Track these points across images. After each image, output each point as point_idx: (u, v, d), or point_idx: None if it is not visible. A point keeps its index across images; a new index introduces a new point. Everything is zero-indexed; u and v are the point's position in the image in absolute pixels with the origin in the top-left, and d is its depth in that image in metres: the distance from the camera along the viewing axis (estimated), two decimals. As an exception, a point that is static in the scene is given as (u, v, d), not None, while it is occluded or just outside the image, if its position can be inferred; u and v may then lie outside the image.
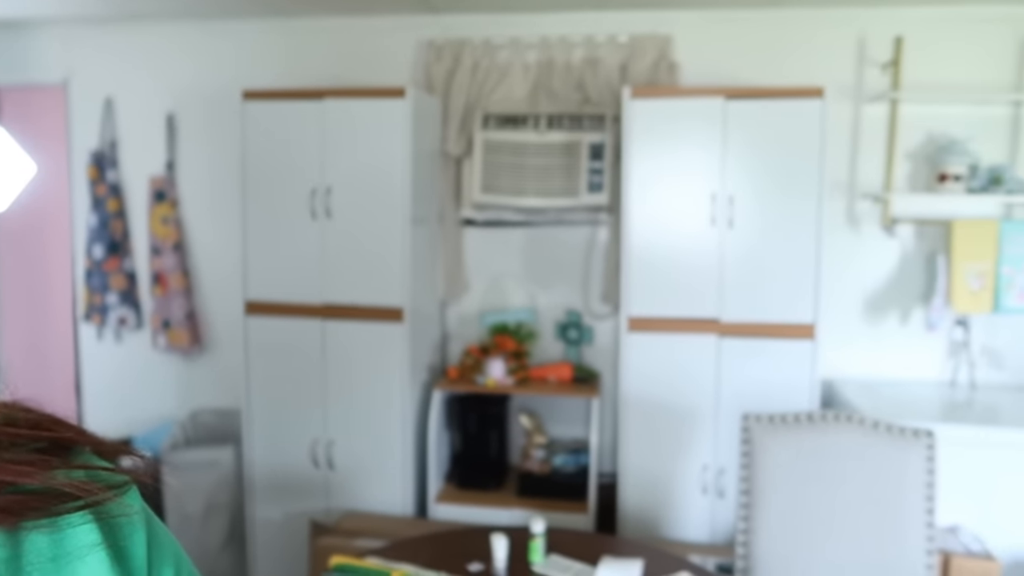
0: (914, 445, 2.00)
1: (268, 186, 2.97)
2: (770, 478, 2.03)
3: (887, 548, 1.98)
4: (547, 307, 3.33)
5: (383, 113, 2.86)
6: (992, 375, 3.06)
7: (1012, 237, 2.87)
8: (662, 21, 3.12)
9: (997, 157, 2.96)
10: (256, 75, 3.39)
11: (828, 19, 3.05)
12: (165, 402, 3.62)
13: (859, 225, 3.11)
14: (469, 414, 3.12)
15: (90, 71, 3.54)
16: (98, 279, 3.52)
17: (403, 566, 1.78)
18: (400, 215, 2.87)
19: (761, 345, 2.75)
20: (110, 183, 3.50)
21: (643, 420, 2.83)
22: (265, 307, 3.01)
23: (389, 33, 3.32)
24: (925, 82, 2.98)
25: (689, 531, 2.85)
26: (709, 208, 2.75)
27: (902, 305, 3.11)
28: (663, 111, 2.75)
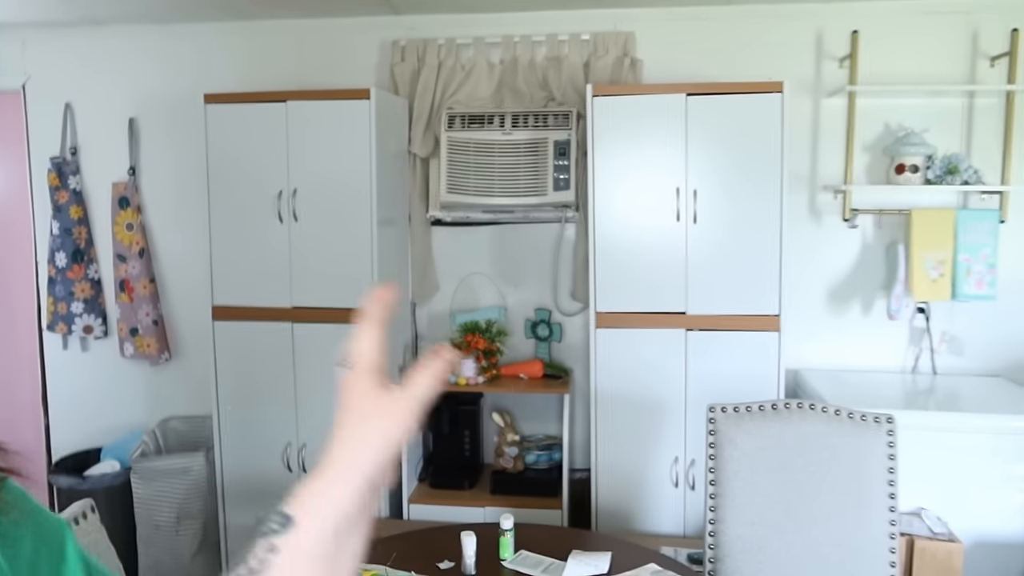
0: (875, 431, 2.04)
1: (233, 190, 2.95)
2: (736, 468, 2.06)
3: (852, 533, 2.02)
4: (517, 305, 3.34)
5: (347, 115, 2.85)
6: (952, 362, 3.13)
7: (968, 225, 2.93)
8: (624, 18, 3.15)
9: (952, 147, 3.03)
10: (219, 78, 3.36)
11: (786, 14, 3.10)
12: (134, 410, 3.58)
13: (821, 217, 3.16)
14: (441, 413, 3.13)
15: (49, 76, 3.48)
16: (62, 287, 3.47)
17: (373, 567, 1.78)
18: (367, 216, 2.87)
19: (727, 337, 2.78)
20: (72, 189, 3.46)
21: (614, 415, 2.85)
22: (233, 312, 2.99)
23: (353, 34, 3.31)
24: (881, 75, 3.04)
25: (662, 523, 2.88)
26: (674, 203, 2.78)
27: (864, 295, 3.16)
28: (626, 108, 2.78)
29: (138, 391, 3.58)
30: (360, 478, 0.55)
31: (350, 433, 0.57)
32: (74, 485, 3.12)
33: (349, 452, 0.56)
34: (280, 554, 0.53)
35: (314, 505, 0.54)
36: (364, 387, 0.59)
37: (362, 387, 0.58)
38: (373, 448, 0.56)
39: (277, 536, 0.53)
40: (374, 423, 0.57)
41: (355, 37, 3.31)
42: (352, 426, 0.57)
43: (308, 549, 0.53)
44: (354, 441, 0.56)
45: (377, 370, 0.60)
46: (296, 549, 0.53)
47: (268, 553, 0.53)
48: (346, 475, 0.55)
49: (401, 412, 0.58)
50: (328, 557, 0.54)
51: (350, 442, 0.56)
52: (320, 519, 0.54)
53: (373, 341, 0.61)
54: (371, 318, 0.62)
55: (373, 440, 0.56)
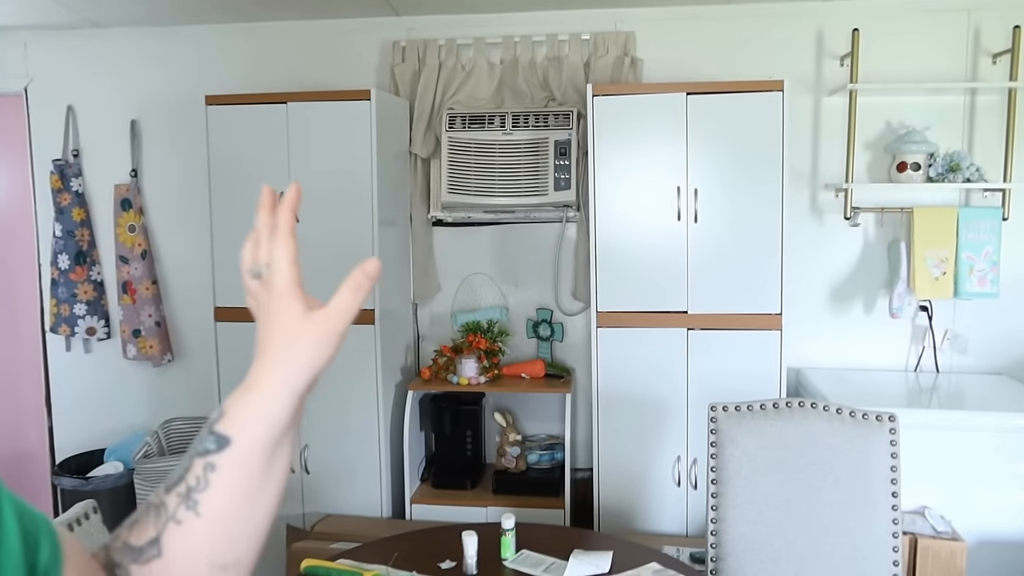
0: (877, 429, 2.04)
1: (235, 191, 2.96)
2: (738, 467, 2.06)
3: (854, 532, 2.02)
4: (519, 305, 3.34)
5: (348, 116, 2.86)
6: (955, 360, 3.12)
7: (971, 223, 2.93)
8: (624, 18, 3.15)
9: (954, 145, 3.02)
10: (220, 80, 3.37)
11: (787, 13, 3.09)
12: (137, 412, 3.59)
13: (822, 215, 3.16)
14: (443, 414, 3.13)
15: (51, 79, 3.49)
16: (65, 289, 3.48)
17: (375, 567, 1.78)
18: (368, 217, 2.87)
19: (729, 336, 2.78)
20: (74, 192, 3.46)
21: (616, 414, 2.85)
22: (235, 313, 3.00)
23: (353, 35, 3.31)
24: (882, 73, 3.04)
25: (665, 523, 2.87)
26: (674, 202, 2.77)
27: (866, 293, 3.16)
28: (626, 107, 2.77)
29: (141, 392, 3.59)
30: (290, 395, 0.57)
31: (278, 352, 0.58)
32: (78, 486, 3.12)
33: (279, 370, 0.57)
34: (218, 471, 0.56)
35: (249, 423, 0.57)
36: (287, 307, 0.58)
37: (285, 304, 0.58)
38: (301, 366, 0.57)
39: (214, 455, 0.57)
40: (303, 342, 0.58)
41: (355, 38, 3.32)
42: (279, 345, 0.58)
43: (244, 462, 0.57)
44: (282, 360, 0.57)
45: (297, 284, 0.59)
46: (233, 464, 0.57)
47: (206, 472, 0.57)
48: (277, 391, 0.57)
49: (328, 329, 0.58)
50: (262, 467, 0.58)
51: (279, 361, 0.58)
52: (255, 435, 0.57)
53: (289, 252, 0.59)
54: (283, 226, 0.60)
55: (301, 359, 0.57)
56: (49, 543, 0.52)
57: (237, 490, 0.57)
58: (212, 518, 0.57)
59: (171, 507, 0.57)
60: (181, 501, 0.57)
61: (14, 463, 3.76)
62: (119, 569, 0.57)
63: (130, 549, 0.57)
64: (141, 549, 0.57)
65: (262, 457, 0.58)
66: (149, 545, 0.57)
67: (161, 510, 0.57)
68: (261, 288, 0.61)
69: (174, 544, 0.57)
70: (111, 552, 0.58)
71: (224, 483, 0.57)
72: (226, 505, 0.57)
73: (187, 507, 0.57)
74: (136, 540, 0.57)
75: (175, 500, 0.57)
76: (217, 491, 0.57)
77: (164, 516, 0.57)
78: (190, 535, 0.57)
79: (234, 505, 0.58)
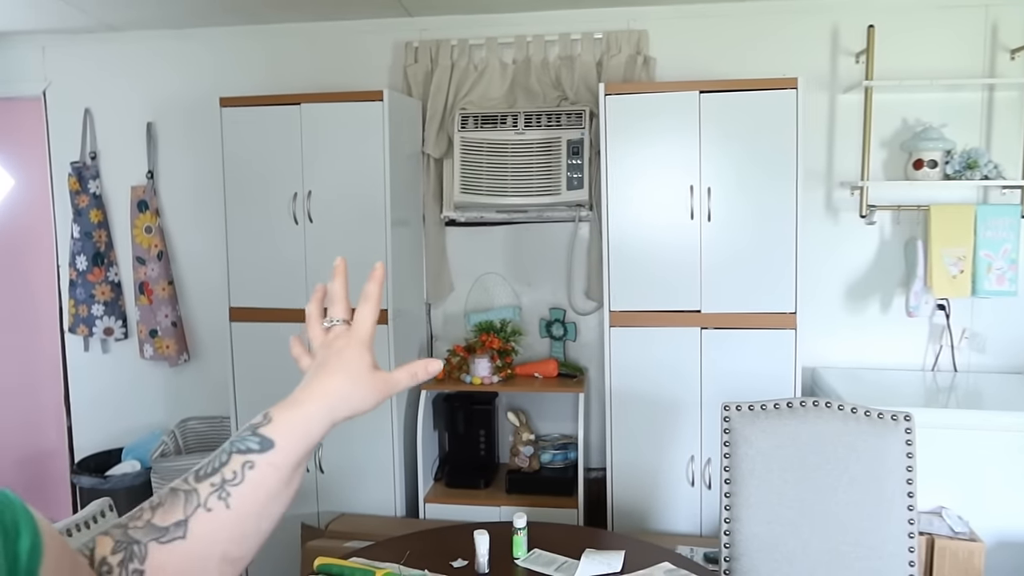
0: (893, 429, 2.02)
1: (249, 193, 2.98)
2: (751, 466, 2.05)
3: (870, 532, 2.00)
4: (531, 304, 3.34)
5: (361, 117, 2.87)
6: (974, 359, 3.09)
7: (989, 221, 2.89)
8: (637, 17, 3.14)
9: (972, 142, 2.99)
10: (234, 82, 3.40)
11: (801, 10, 3.07)
12: (154, 411, 3.63)
13: (837, 214, 3.13)
14: (457, 413, 3.13)
15: (68, 82, 3.54)
16: (83, 290, 3.52)
17: (387, 565, 1.79)
18: (381, 218, 2.88)
19: (743, 335, 2.76)
20: (92, 193, 3.50)
21: (630, 414, 2.84)
22: (250, 313, 3.02)
23: (366, 36, 3.33)
24: (898, 70, 3.01)
25: (679, 522, 2.86)
26: (688, 201, 2.76)
27: (882, 292, 3.13)
28: (639, 106, 2.77)
29: (158, 392, 3.63)
30: (330, 422, 0.68)
31: (336, 386, 0.69)
32: (96, 485, 3.16)
33: (330, 400, 0.68)
34: (255, 470, 0.64)
35: (293, 434, 0.66)
36: (361, 355, 0.71)
37: (359, 355, 0.71)
38: (350, 405, 0.69)
39: (255, 454, 0.64)
40: (360, 389, 0.70)
41: (368, 39, 3.33)
42: (340, 382, 0.69)
43: (279, 467, 0.65)
44: (337, 393, 0.69)
45: (370, 343, 0.73)
46: (269, 466, 0.64)
47: (244, 468, 0.63)
48: (322, 416, 0.67)
49: (382, 389, 0.71)
50: (289, 475, 0.66)
51: (334, 393, 0.69)
52: (294, 445, 0.65)
53: (374, 315, 0.74)
54: (372, 296, 0.74)
55: (353, 400, 0.69)
56: (29, 532, 0.54)
57: (264, 490, 0.64)
58: (238, 512, 0.63)
59: (203, 495, 0.62)
60: (215, 491, 0.63)
61: (34, 462, 3.81)
62: (137, 546, 0.60)
63: (154, 528, 0.61)
64: (166, 529, 0.61)
65: (292, 466, 0.66)
66: (176, 526, 0.61)
67: (192, 496, 0.62)
68: (335, 336, 0.74)
69: (200, 530, 0.61)
70: (129, 530, 0.61)
71: (257, 481, 0.64)
72: (253, 503, 0.63)
73: (219, 497, 0.62)
74: (161, 521, 0.61)
75: (208, 489, 0.63)
76: (249, 488, 0.63)
77: (195, 502, 0.62)
78: (215, 524, 0.62)
79: (258, 504, 0.64)
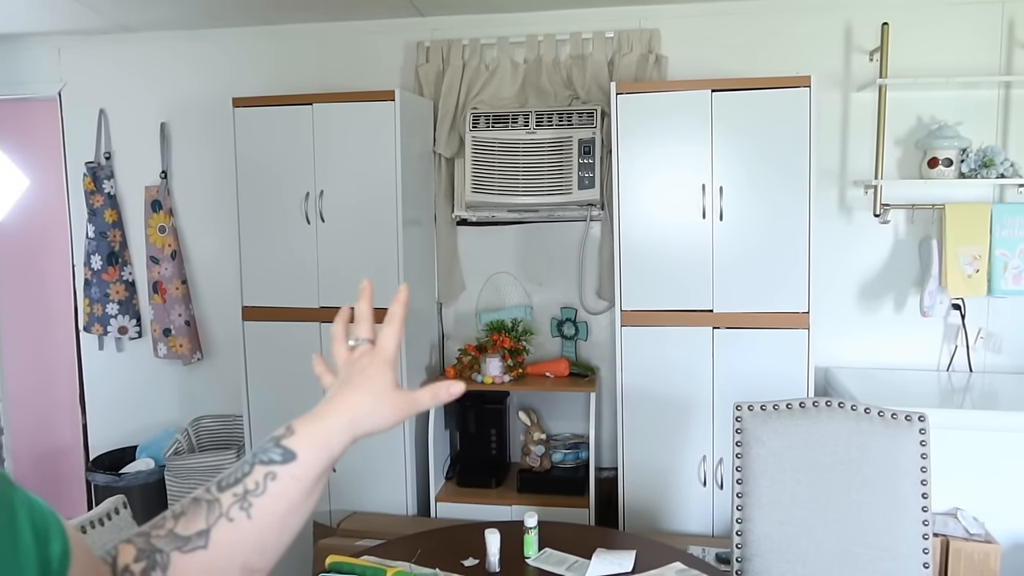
0: (907, 430, 2.00)
1: (262, 192, 2.99)
2: (763, 467, 2.04)
3: (883, 533, 1.98)
4: (543, 304, 3.34)
5: (373, 116, 2.88)
6: (990, 359, 3.06)
7: (1005, 220, 2.86)
8: (648, 15, 3.13)
9: (987, 140, 2.96)
10: (247, 82, 3.42)
11: (814, 7, 3.05)
12: (168, 409, 3.65)
13: (851, 212, 3.11)
14: (468, 412, 3.14)
15: (84, 83, 3.57)
16: (98, 289, 3.55)
17: (398, 564, 1.79)
18: (393, 217, 2.89)
19: (755, 335, 2.75)
20: (106, 193, 3.53)
21: (641, 413, 2.84)
22: (262, 312, 3.03)
23: (377, 36, 3.34)
24: (913, 67, 2.98)
25: (691, 522, 2.85)
26: (699, 200, 2.75)
27: (896, 291, 3.11)
28: (651, 105, 2.76)
29: (171, 390, 3.65)
30: (351, 437, 0.69)
31: (359, 402, 0.70)
32: (110, 482, 3.18)
33: (352, 414, 0.69)
34: (277, 481, 0.64)
35: (315, 447, 0.66)
36: (384, 373, 0.72)
37: (383, 373, 0.72)
38: (372, 421, 0.70)
39: (278, 466, 0.65)
40: (383, 406, 0.70)
41: (380, 39, 3.34)
42: (363, 398, 0.70)
43: (300, 479, 0.65)
44: (360, 409, 0.69)
45: (394, 363, 0.74)
46: (291, 478, 0.65)
47: (267, 479, 0.64)
48: (343, 430, 0.68)
49: (404, 408, 0.71)
50: (310, 488, 0.66)
51: (357, 408, 0.69)
52: (316, 458, 0.66)
53: (398, 336, 0.75)
54: (397, 317, 0.76)
55: (375, 416, 0.70)
56: (59, 537, 0.55)
57: (285, 502, 0.64)
58: (259, 522, 0.63)
59: (225, 505, 0.63)
60: (236, 501, 0.63)
61: (50, 459, 3.85)
62: (159, 555, 0.61)
63: (176, 537, 0.62)
64: (188, 538, 0.62)
65: (314, 479, 0.66)
66: (198, 536, 0.62)
67: (214, 506, 0.63)
68: (359, 354, 0.75)
69: (221, 539, 0.62)
70: (152, 538, 0.62)
71: (279, 493, 0.64)
72: (274, 513, 0.64)
73: (241, 507, 0.63)
74: (184, 530, 0.62)
75: (230, 499, 0.63)
76: (270, 499, 0.64)
77: (217, 512, 0.63)
78: (237, 534, 0.63)
79: (279, 515, 0.64)
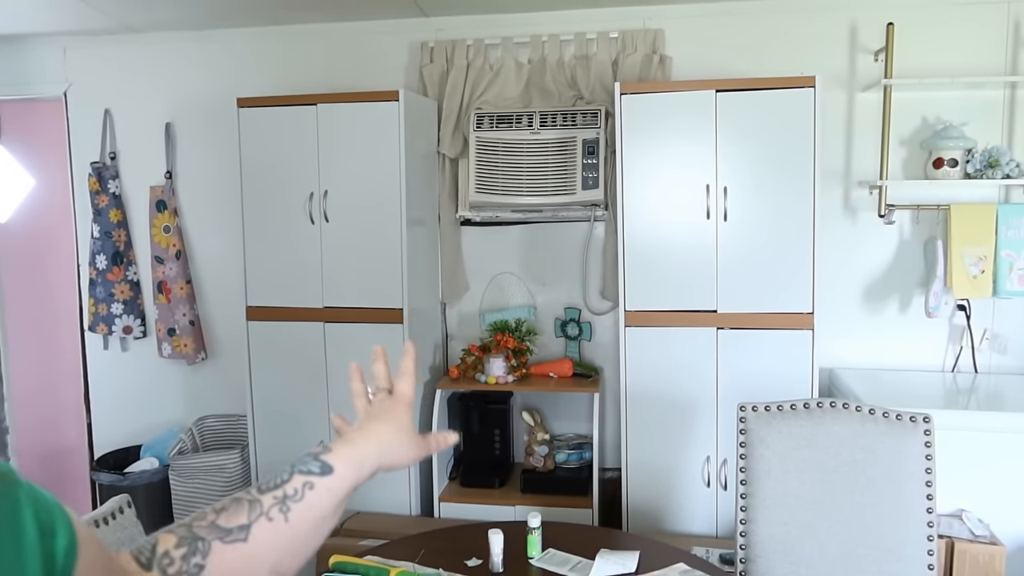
0: (912, 431, 2.00)
1: (266, 192, 3.00)
2: (767, 468, 2.03)
3: (888, 534, 1.98)
4: (547, 304, 3.34)
5: (377, 117, 2.88)
6: (995, 360, 3.05)
7: (1010, 220, 2.86)
8: (653, 15, 3.13)
9: (993, 140, 2.95)
10: (252, 82, 3.42)
11: (818, 7, 3.04)
12: (172, 409, 3.66)
13: (856, 213, 3.10)
14: (471, 413, 3.14)
15: (89, 83, 3.58)
16: (103, 289, 3.56)
17: (402, 564, 1.79)
18: (397, 217, 2.89)
19: (760, 336, 2.75)
20: (111, 193, 3.54)
21: (645, 414, 2.83)
22: (266, 312, 3.04)
23: (381, 37, 3.34)
24: (918, 67, 2.98)
25: (694, 523, 2.85)
26: (704, 200, 2.75)
27: (901, 292, 3.10)
28: (655, 105, 2.75)
29: (176, 390, 3.66)
30: (375, 465, 0.79)
31: (387, 432, 0.81)
32: (115, 482, 3.19)
33: (381, 444, 0.79)
34: (315, 491, 0.72)
35: (348, 464, 0.75)
36: (406, 412, 0.84)
37: (405, 412, 0.84)
38: (394, 455, 0.80)
39: (316, 476, 0.73)
40: (402, 443, 0.81)
41: (384, 40, 3.34)
42: (390, 430, 0.81)
43: (334, 492, 0.73)
44: (388, 440, 0.80)
45: (411, 406, 0.86)
46: (326, 490, 0.73)
47: (305, 488, 0.72)
48: (373, 456, 0.78)
49: (418, 448, 0.83)
50: (339, 503, 0.74)
51: (383, 441, 0.80)
52: (348, 474, 0.75)
53: (413, 384, 0.87)
54: (409, 370, 0.88)
55: (399, 453, 0.81)
56: (66, 531, 0.57)
57: (319, 511, 0.72)
58: (295, 527, 0.71)
59: (266, 505, 0.70)
60: (276, 503, 0.70)
61: (55, 458, 3.86)
62: (201, 542, 0.67)
63: (218, 528, 0.68)
64: (230, 530, 0.68)
65: (344, 494, 0.74)
66: (239, 529, 0.68)
67: (256, 505, 0.70)
68: (379, 400, 0.86)
69: (260, 536, 0.69)
70: (194, 528, 0.68)
71: (314, 502, 0.72)
72: (307, 520, 0.71)
73: (280, 510, 0.70)
74: (226, 523, 0.69)
75: (271, 501, 0.71)
76: (306, 506, 0.71)
77: (259, 510, 0.70)
78: (274, 534, 0.70)
79: (311, 523, 0.72)
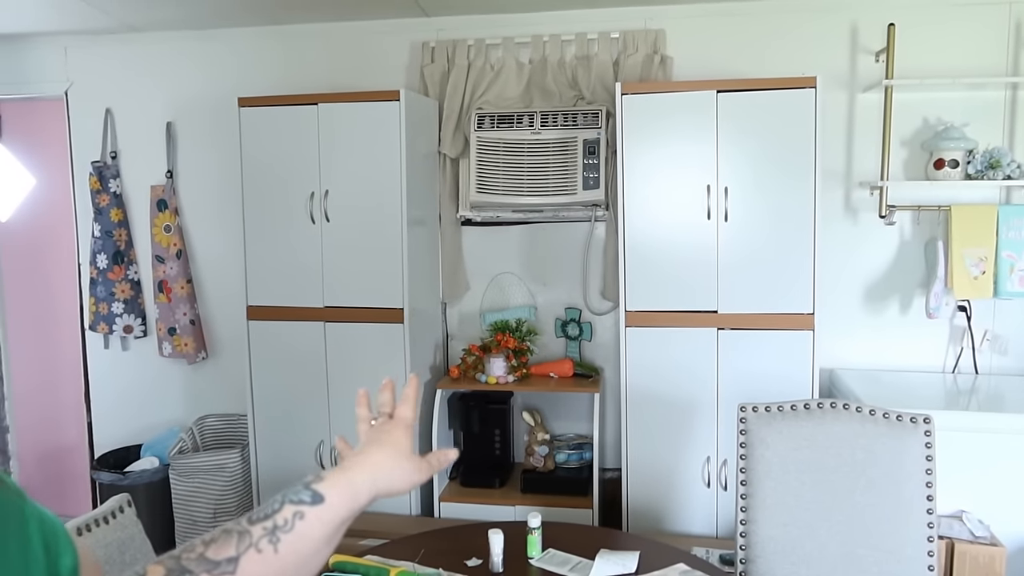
0: (912, 432, 2.00)
1: (267, 192, 3.00)
2: (767, 468, 2.03)
3: (888, 535, 1.98)
4: (547, 304, 3.34)
5: (377, 116, 2.88)
6: (996, 361, 3.05)
7: (1011, 221, 2.85)
8: (654, 16, 3.13)
9: (994, 141, 2.95)
10: (253, 82, 3.42)
11: (819, 8, 3.04)
12: (173, 408, 3.66)
13: (857, 214, 3.10)
14: (472, 412, 3.14)
15: (90, 82, 3.58)
16: (103, 288, 3.56)
17: (402, 563, 1.79)
18: (397, 217, 2.89)
19: (760, 336, 2.75)
20: (112, 193, 3.54)
21: (645, 414, 2.83)
22: (267, 311, 3.04)
23: (382, 37, 3.34)
24: (919, 68, 2.97)
25: (694, 524, 2.85)
26: (704, 201, 2.75)
27: (902, 293, 3.10)
28: (656, 106, 2.75)
29: (176, 389, 3.66)
30: (372, 493, 0.76)
31: (383, 458, 0.79)
32: (115, 481, 3.19)
33: (377, 471, 0.77)
34: (305, 521, 0.70)
35: (342, 494, 0.73)
36: (406, 435, 0.83)
37: (404, 436, 0.83)
38: (391, 481, 0.78)
39: (307, 506, 0.71)
40: (402, 466, 0.80)
41: (385, 39, 3.34)
42: (387, 456, 0.80)
43: (326, 522, 0.71)
44: (384, 466, 0.78)
45: (411, 430, 0.85)
46: (317, 520, 0.71)
47: (295, 518, 0.70)
48: (368, 483, 0.76)
49: (418, 471, 0.82)
50: (332, 533, 0.72)
51: (380, 465, 0.78)
52: (341, 504, 0.72)
53: (415, 411, 0.87)
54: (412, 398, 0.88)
55: (396, 478, 0.79)
56: (69, 552, 0.59)
57: (310, 542, 0.70)
58: (284, 559, 0.69)
59: (255, 536, 0.68)
60: (266, 534, 0.69)
61: (55, 458, 3.86)
62: (188, 575, 0.66)
63: (206, 561, 0.66)
64: (218, 563, 0.66)
65: (337, 524, 0.72)
66: (227, 562, 0.67)
67: (245, 536, 0.68)
68: (382, 423, 0.86)
69: (249, 568, 0.67)
70: (182, 560, 0.66)
71: (305, 532, 0.70)
72: (298, 552, 0.69)
73: (269, 541, 0.68)
74: (214, 555, 0.67)
75: (260, 532, 0.69)
76: (296, 537, 0.69)
77: (247, 542, 0.68)
78: (263, 566, 0.68)
79: (302, 555, 0.70)
